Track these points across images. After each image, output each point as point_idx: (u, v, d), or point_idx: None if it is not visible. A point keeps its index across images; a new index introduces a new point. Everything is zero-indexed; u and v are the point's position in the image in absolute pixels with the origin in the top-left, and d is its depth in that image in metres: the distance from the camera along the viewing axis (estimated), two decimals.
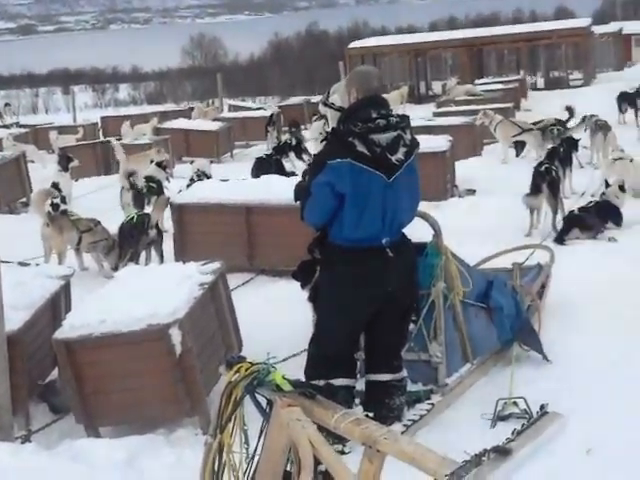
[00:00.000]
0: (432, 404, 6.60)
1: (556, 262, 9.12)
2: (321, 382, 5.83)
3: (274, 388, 3.85)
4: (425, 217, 6.68)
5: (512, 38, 43.93)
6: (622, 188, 12.38)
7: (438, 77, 46.43)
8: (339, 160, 5.70)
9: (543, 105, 28.12)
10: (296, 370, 6.16)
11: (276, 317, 8.75)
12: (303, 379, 5.92)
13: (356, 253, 5.87)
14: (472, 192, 15.34)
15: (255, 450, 4.05)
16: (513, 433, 3.73)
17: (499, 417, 6.37)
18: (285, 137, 23.13)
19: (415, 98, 41.24)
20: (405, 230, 6.20)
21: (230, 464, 4.12)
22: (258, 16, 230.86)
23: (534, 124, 19.39)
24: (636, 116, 21.71)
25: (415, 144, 6.04)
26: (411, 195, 6.02)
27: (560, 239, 11.58)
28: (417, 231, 6.63)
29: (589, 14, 70.54)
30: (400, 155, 5.83)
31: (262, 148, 24.92)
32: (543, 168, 12.51)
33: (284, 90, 64.64)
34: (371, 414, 5.81)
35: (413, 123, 18.08)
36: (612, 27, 52.55)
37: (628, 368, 7.08)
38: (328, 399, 3.91)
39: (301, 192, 6.10)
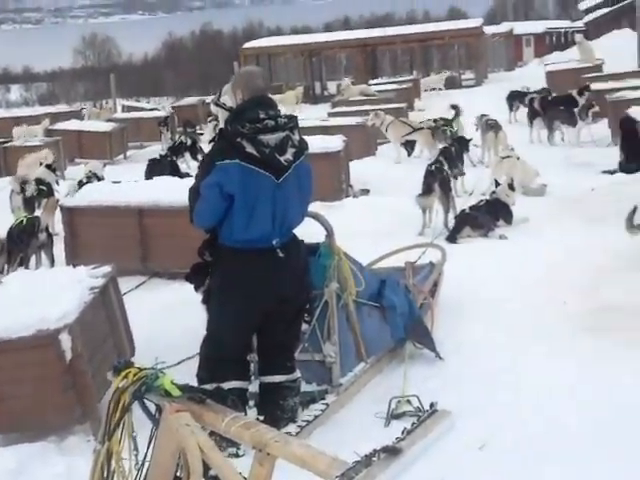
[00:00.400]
0: (326, 404, 6.59)
1: (448, 260, 9.20)
2: (212, 386, 5.80)
3: (163, 393, 3.80)
4: (317, 218, 6.68)
5: (405, 39, 44.43)
6: (511, 186, 12.61)
7: (333, 77, 46.85)
8: (227, 161, 5.66)
9: (436, 105, 28.45)
10: (190, 374, 6.13)
11: (170, 320, 8.67)
12: (196, 383, 5.89)
13: (246, 254, 5.85)
14: (366, 192, 15.41)
15: (145, 457, 3.99)
16: (403, 432, 3.76)
17: (393, 415, 6.40)
18: (181, 138, 22.96)
19: (311, 98, 41.44)
20: (299, 231, 6.20)
21: (119, 471, 4.06)
22: (152, 16, 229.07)
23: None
24: (532, 116, 22.07)
25: (304, 145, 6.01)
26: (301, 196, 6.02)
27: (452, 237, 11.72)
28: (311, 231, 6.65)
29: (481, 15, 71.75)
30: (289, 156, 5.81)
31: (157, 149, 24.69)
32: (434, 167, 12.66)
33: (179, 90, 64.33)
34: (261, 417, 5.82)
35: (308, 123, 18.04)
36: (503, 27, 53.76)
37: (519, 364, 7.19)
38: (218, 403, 3.88)
39: (191, 194, 6.05)
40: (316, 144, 13.23)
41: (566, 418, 6.11)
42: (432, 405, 5.92)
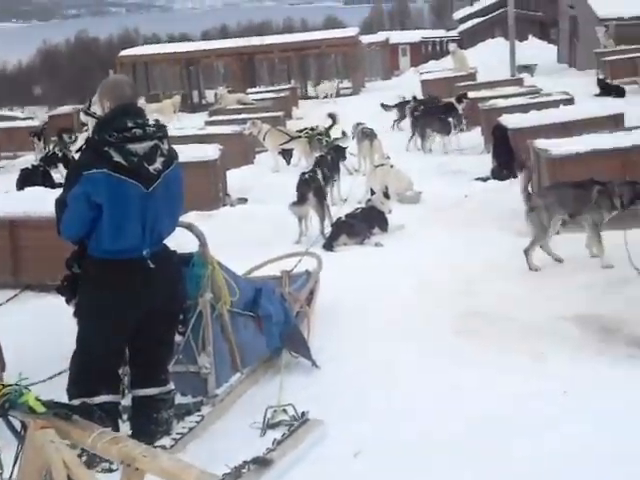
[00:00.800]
0: (202, 416, 6.53)
1: (324, 268, 9.23)
2: (79, 401, 5.69)
3: (27, 410, 3.72)
4: (190, 228, 6.64)
5: (283, 47, 44.43)
6: (386, 194, 12.74)
7: (211, 86, 46.59)
8: (95, 170, 5.54)
9: (314, 113, 28.62)
10: (62, 389, 6.01)
11: (43, 334, 8.46)
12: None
13: (116, 265, 5.75)
14: (244, 201, 15.37)
15: (11, 474, 3.90)
16: (274, 443, 3.76)
17: (269, 425, 6.35)
18: (54, 148, 22.53)
19: (188, 107, 41.15)
20: (173, 241, 6.14)
21: None
22: (26, 24, 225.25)
23: (300, 131, 19.72)
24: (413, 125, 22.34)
25: (173, 154, 5.94)
26: (171, 206, 5.94)
27: (329, 245, 11.77)
28: (185, 241, 6.60)
29: (357, 24, 72.38)
30: (158, 165, 5.73)
31: (30, 159, 24.19)
32: (307, 176, 12.71)
33: (54, 99, 63.27)
34: (129, 432, 5.74)
35: (185, 132, 17.88)
36: (380, 37, 54.32)
37: (395, 370, 7.24)
38: (86, 418, 3.82)
39: (58, 205, 5.92)
40: (192, 153, 13.18)
41: (441, 423, 6.17)
42: (303, 414, 5.95)
